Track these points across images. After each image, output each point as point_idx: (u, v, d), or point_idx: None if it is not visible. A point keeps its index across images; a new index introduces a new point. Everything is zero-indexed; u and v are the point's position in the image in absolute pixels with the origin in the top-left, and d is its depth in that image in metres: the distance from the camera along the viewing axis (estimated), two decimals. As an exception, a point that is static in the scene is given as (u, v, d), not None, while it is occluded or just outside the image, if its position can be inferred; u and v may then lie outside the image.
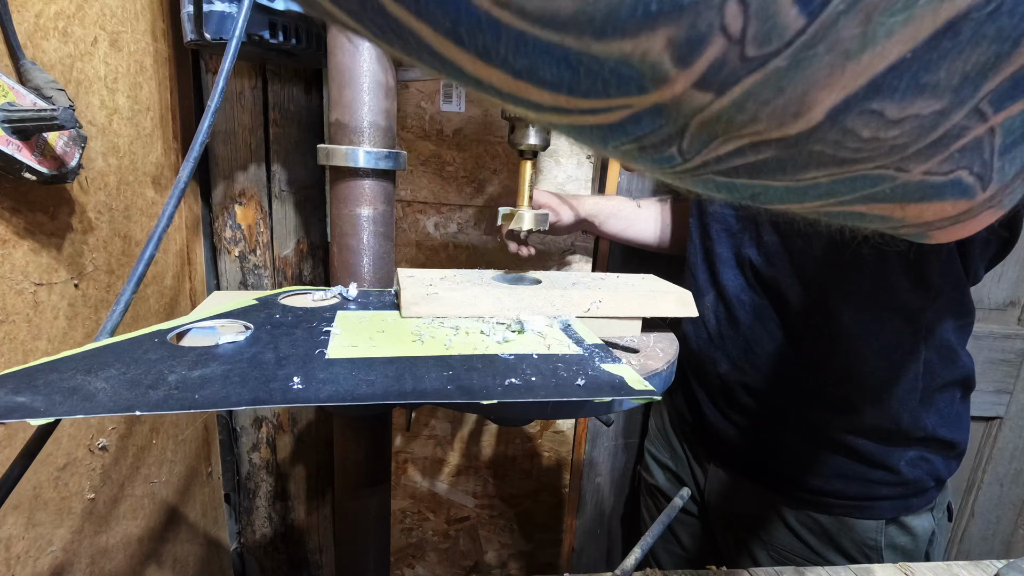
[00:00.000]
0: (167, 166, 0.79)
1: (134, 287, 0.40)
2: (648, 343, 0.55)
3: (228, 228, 0.93)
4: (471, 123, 0.94)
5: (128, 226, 0.70)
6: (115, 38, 0.66)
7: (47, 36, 0.55)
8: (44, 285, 0.56)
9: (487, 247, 1.00)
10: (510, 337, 0.45)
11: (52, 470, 0.59)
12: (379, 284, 0.75)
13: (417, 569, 1.18)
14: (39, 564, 0.58)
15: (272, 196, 0.93)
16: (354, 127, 0.69)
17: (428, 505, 1.13)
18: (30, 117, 0.46)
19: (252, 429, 1.03)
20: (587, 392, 0.35)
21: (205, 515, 0.97)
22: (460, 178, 0.96)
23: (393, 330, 0.46)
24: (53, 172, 0.51)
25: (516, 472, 1.12)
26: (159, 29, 0.75)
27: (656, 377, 0.48)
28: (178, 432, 0.85)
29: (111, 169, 0.66)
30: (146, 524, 0.78)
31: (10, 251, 0.51)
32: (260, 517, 1.09)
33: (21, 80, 0.50)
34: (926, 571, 0.61)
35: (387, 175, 0.73)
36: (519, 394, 0.34)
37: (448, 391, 0.35)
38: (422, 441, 1.09)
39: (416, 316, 0.50)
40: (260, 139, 0.90)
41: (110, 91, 0.65)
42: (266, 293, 0.55)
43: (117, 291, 0.68)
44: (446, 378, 0.36)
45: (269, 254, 0.95)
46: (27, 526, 0.56)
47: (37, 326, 0.55)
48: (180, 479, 0.87)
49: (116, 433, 0.70)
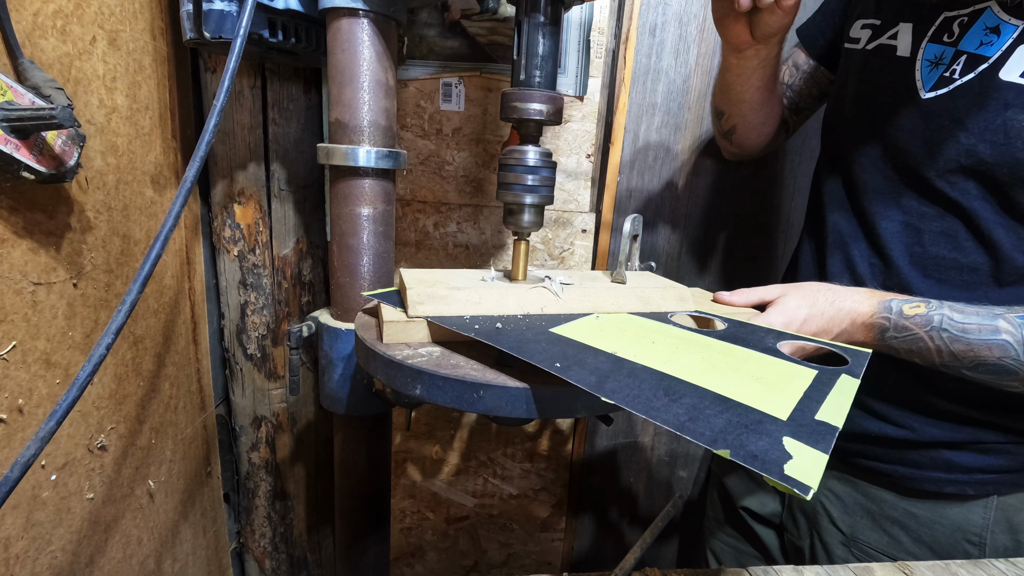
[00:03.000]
0: (166, 165, 0.78)
1: (140, 286, 0.40)
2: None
3: (227, 227, 0.93)
4: (471, 122, 0.94)
5: (127, 225, 0.69)
6: (114, 37, 0.65)
7: (45, 35, 0.55)
8: (43, 284, 0.56)
9: (486, 246, 1.00)
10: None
11: (52, 470, 0.59)
12: (378, 283, 0.75)
13: (417, 569, 1.18)
14: (39, 564, 0.58)
15: (271, 195, 0.93)
16: (354, 126, 0.69)
17: (428, 505, 1.13)
18: (28, 116, 0.46)
19: (251, 429, 1.03)
20: (703, 439, 0.36)
21: (204, 515, 0.96)
22: (460, 178, 0.96)
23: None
24: (51, 171, 0.51)
25: (516, 472, 1.12)
26: (158, 28, 0.75)
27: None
28: (177, 432, 0.85)
29: (110, 168, 0.66)
30: (145, 524, 0.78)
31: (9, 250, 0.51)
32: (260, 517, 1.09)
33: (19, 79, 0.50)
34: (926, 571, 0.61)
35: (387, 174, 0.73)
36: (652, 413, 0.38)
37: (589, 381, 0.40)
38: (422, 441, 1.09)
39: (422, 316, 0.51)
40: (259, 138, 0.90)
41: (109, 90, 0.65)
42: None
43: (116, 290, 0.68)
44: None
45: (268, 253, 0.95)
46: (26, 526, 0.56)
47: (36, 325, 0.55)
48: (179, 479, 0.87)
49: (115, 433, 0.70)
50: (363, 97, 0.68)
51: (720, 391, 0.41)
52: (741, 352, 0.49)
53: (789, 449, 0.35)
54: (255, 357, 0.99)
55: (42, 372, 0.56)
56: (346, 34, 0.66)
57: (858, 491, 0.75)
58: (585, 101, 0.94)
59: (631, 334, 0.51)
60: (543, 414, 0.45)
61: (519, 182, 0.59)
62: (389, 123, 0.71)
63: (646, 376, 0.42)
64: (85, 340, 0.62)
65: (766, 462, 0.34)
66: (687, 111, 1.01)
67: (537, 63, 0.59)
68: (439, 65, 0.91)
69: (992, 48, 0.57)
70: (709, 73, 0.99)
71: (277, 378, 1.01)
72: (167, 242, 0.43)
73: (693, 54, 0.97)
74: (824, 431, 0.38)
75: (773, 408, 0.40)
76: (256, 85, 0.88)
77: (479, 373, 0.46)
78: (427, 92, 0.92)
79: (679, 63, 0.98)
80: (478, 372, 0.46)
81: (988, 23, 0.58)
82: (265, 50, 0.79)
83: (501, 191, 0.61)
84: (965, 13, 0.61)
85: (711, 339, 0.52)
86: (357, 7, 0.64)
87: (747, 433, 0.36)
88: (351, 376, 0.75)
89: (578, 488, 1.15)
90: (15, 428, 0.53)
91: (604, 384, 0.41)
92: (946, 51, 0.62)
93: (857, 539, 0.74)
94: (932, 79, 0.62)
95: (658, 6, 0.96)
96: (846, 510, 0.75)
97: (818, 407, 0.41)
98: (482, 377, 0.45)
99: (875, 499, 0.73)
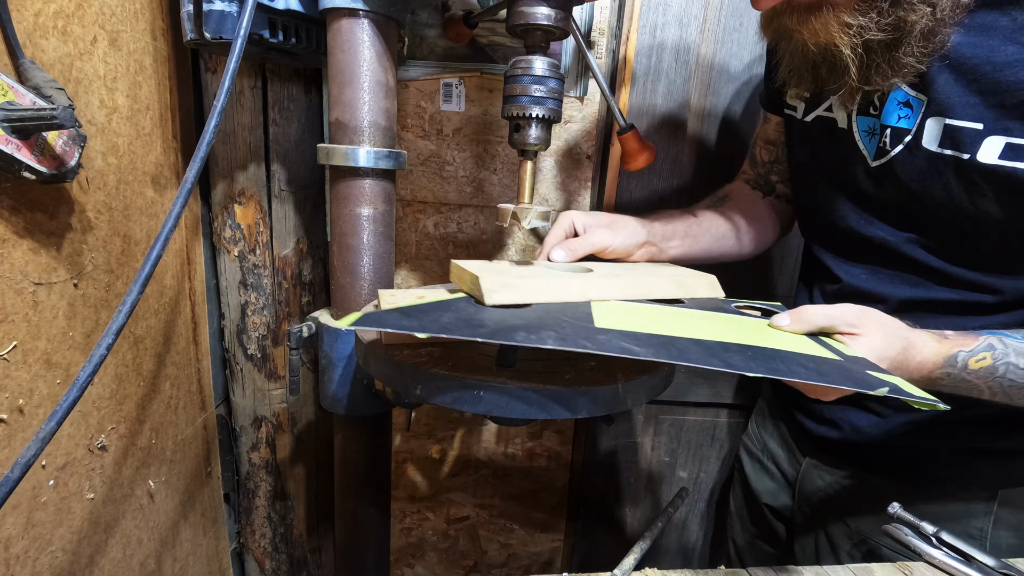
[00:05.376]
0: (166, 165, 0.78)
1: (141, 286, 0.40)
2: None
3: (228, 228, 0.93)
4: (471, 123, 0.94)
5: (128, 225, 0.70)
6: (114, 37, 0.65)
7: (46, 35, 0.55)
8: (43, 284, 0.56)
9: (487, 247, 1.00)
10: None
11: (52, 470, 0.59)
12: (379, 283, 0.75)
13: (417, 569, 1.18)
14: (39, 564, 0.58)
15: (272, 195, 0.93)
16: (354, 127, 0.69)
17: (428, 505, 1.13)
18: (29, 116, 0.46)
19: (252, 429, 1.03)
20: (856, 385, 0.40)
21: (205, 515, 0.97)
22: (460, 178, 0.96)
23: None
24: (52, 171, 0.51)
25: (516, 472, 1.12)
26: (158, 28, 0.75)
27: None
28: (178, 432, 0.85)
29: (110, 168, 0.66)
30: (145, 524, 0.78)
31: (9, 250, 0.51)
32: (260, 517, 1.09)
33: (20, 79, 0.50)
34: (925, 570, 0.61)
35: (387, 175, 0.73)
36: (782, 374, 0.41)
37: (710, 360, 0.41)
38: (422, 441, 1.09)
39: (498, 304, 0.52)
40: (260, 138, 0.90)
41: (109, 90, 0.65)
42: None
43: (116, 290, 0.68)
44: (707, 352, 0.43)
45: (269, 254, 0.95)
46: (27, 526, 0.56)
47: (36, 325, 0.55)
48: (180, 479, 0.87)
49: (116, 433, 0.70)
50: (363, 97, 0.68)
51: (788, 347, 0.47)
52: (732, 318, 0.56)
53: (887, 378, 0.43)
54: (255, 357, 0.99)
55: (43, 372, 0.56)
56: (346, 34, 0.66)
57: (863, 485, 0.75)
58: (585, 102, 0.94)
59: (659, 317, 0.53)
60: (543, 414, 0.45)
61: (526, 93, 0.57)
62: (389, 123, 0.71)
63: (734, 347, 0.45)
64: (86, 340, 0.62)
65: (897, 390, 0.41)
66: (687, 111, 1.01)
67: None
68: (439, 65, 0.91)
69: (910, 121, 0.60)
70: (709, 74, 0.99)
71: (277, 378, 1.01)
72: (168, 242, 0.43)
73: (693, 55, 0.98)
74: (866, 361, 0.48)
75: (827, 354, 0.47)
76: (256, 85, 0.88)
77: (479, 373, 0.46)
78: (427, 92, 0.92)
79: (679, 63, 0.98)
80: (478, 372, 0.46)
81: (899, 98, 0.61)
82: (265, 50, 0.79)
83: (507, 105, 0.59)
84: (880, 88, 0.62)
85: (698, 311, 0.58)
86: (357, 7, 0.64)
87: (849, 373, 0.43)
88: (351, 376, 0.75)
89: (578, 488, 1.15)
90: (16, 428, 0.53)
91: (728, 360, 0.42)
92: (875, 122, 0.64)
93: (861, 532, 0.74)
94: (872, 148, 0.65)
95: (658, 6, 0.96)
96: (851, 504, 0.76)
97: (834, 347, 0.50)
98: (482, 377, 0.45)
99: (880, 493, 0.73)
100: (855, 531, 0.75)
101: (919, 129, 0.59)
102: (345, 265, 0.74)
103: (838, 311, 0.54)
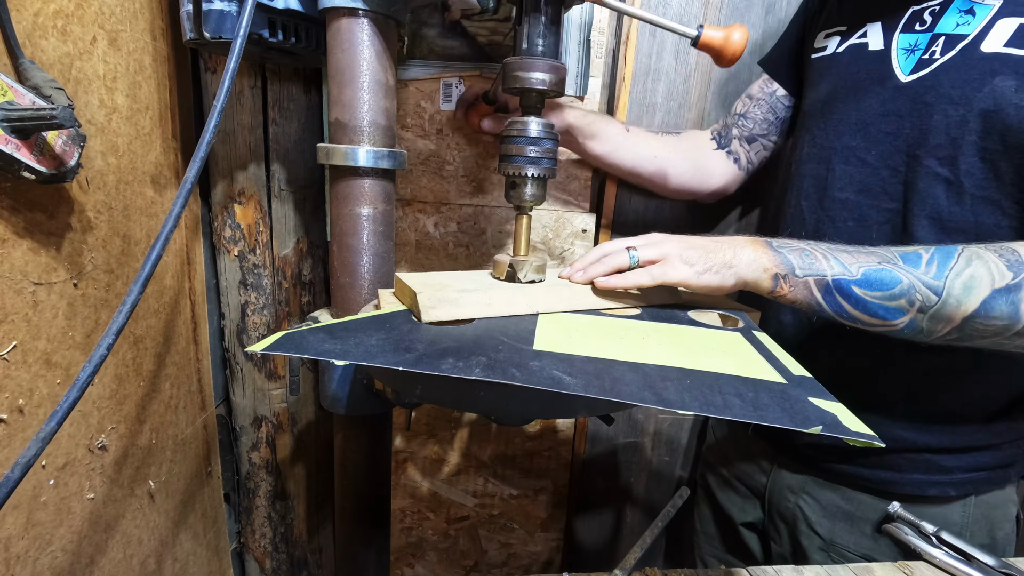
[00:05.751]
0: (166, 165, 0.78)
1: (141, 286, 0.40)
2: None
3: (227, 227, 0.93)
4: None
5: (127, 225, 0.69)
6: (114, 37, 0.65)
7: (46, 35, 0.55)
8: (43, 285, 0.56)
9: (487, 246, 1.00)
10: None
11: (52, 470, 0.59)
12: (379, 283, 0.75)
13: (417, 569, 1.18)
14: (39, 564, 0.58)
15: (272, 195, 0.93)
16: (354, 126, 0.69)
17: (428, 505, 1.13)
18: (29, 116, 0.46)
19: (252, 429, 1.03)
20: (791, 422, 0.37)
21: (205, 515, 0.97)
22: (460, 178, 0.96)
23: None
24: (52, 171, 0.51)
25: (516, 472, 1.12)
26: (158, 28, 0.75)
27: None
28: (178, 432, 0.85)
29: (110, 168, 0.66)
30: (146, 524, 0.78)
31: (9, 251, 0.51)
32: (260, 517, 1.09)
33: (20, 79, 0.50)
34: (925, 570, 0.62)
35: (387, 174, 0.73)
36: (716, 411, 0.38)
37: (643, 394, 0.38)
38: (422, 441, 1.09)
39: (436, 320, 0.50)
40: (259, 138, 0.90)
41: (109, 90, 0.65)
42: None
43: (116, 290, 0.68)
44: (642, 385, 0.40)
45: (268, 253, 0.95)
46: (27, 526, 0.56)
47: (36, 326, 0.55)
48: (180, 479, 0.87)
49: (116, 433, 0.70)
50: (363, 97, 0.68)
51: (730, 370, 0.43)
52: (679, 329, 0.54)
53: (828, 409, 0.39)
54: (255, 357, 0.99)
55: (43, 372, 0.56)
56: (346, 34, 0.66)
57: (837, 495, 0.74)
58: (585, 101, 0.94)
59: (602, 333, 0.51)
60: (543, 415, 0.45)
61: (521, 154, 0.58)
62: (389, 123, 0.71)
63: (673, 373, 0.43)
64: (86, 340, 0.62)
65: (833, 426, 0.37)
66: (687, 111, 1.01)
67: (540, 32, 0.58)
68: (439, 65, 0.91)
69: (970, 27, 0.61)
70: (709, 73, 0.99)
71: (277, 378, 1.01)
72: (167, 242, 0.43)
73: (693, 54, 0.97)
74: (812, 382, 0.43)
75: (770, 375, 0.43)
76: (256, 85, 0.88)
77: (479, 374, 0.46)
78: (427, 92, 0.92)
79: (679, 63, 0.98)
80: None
81: (961, 7, 0.62)
82: (265, 50, 0.79)
83: (503, 163, 0.60)
84: (935, 4, 0.64)
85: (645, 323, 0.55)
86: (357, 7, 0.64)
87: (788, 403, 0.39)
88: (351, 376, 0.75)
89: (578, 488, 1.15)
90: (16, 428, 0.53)
91: (662, 393, 0.40)
92: (920, 38, 0.65)
93: (835, 543, 0.74)
94: (910, 64, 0.65)
95: (659, 6, 0.96)
96: (825, 514, 0.75)
97: (782, 363, 0.46)
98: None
99: (854, 502, 0.73)
100: (828, 541, 0.75)
101: (983, 31, 0.59)
102: (345, 265, 0.74)
103: (618, 242, 0.60)
